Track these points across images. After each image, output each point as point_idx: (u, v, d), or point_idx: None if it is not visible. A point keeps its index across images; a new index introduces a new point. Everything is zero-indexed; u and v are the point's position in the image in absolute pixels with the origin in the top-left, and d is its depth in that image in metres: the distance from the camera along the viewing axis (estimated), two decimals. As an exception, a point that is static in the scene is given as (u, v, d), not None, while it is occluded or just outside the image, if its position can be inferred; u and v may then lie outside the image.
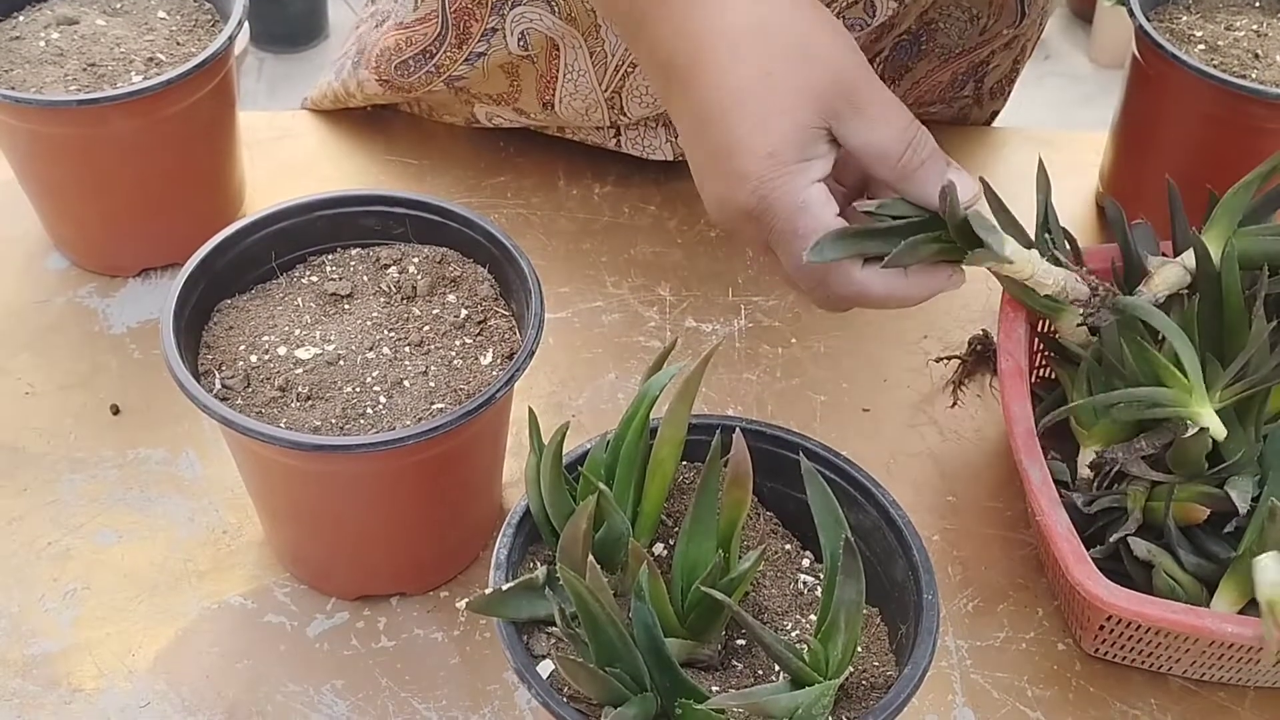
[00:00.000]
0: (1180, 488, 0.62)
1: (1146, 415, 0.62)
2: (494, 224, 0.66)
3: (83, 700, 0.63)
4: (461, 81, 0.86)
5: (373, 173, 0.90)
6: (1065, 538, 0.61)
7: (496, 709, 0.63)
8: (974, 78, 0.92)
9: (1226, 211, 0.67)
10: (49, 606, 0.66)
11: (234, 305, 0.65)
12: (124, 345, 0.79)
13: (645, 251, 0.86)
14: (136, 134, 0.75)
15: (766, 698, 0.45)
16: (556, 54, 0.83)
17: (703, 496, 0.49)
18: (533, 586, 0.49)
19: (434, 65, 0.85)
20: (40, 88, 0.75)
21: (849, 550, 0.46)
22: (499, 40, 0.83)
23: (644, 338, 0.81)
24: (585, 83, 0.83)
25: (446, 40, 0.84)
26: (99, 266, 0.83)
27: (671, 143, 0.88)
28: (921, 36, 0.88)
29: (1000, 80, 0.94)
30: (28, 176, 0.80)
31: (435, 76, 0.86)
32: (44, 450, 0.73)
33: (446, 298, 0.66)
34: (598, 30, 0.81)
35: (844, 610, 0.46)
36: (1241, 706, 0.65)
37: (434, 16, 0.84)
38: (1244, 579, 0.60)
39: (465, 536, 0.68)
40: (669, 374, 0.51)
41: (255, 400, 0.61)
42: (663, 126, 0.88)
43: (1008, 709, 0.64)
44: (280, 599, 0.67)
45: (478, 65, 0.84)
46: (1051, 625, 0.67)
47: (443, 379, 0.62)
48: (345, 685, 0.64)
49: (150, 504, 0.71)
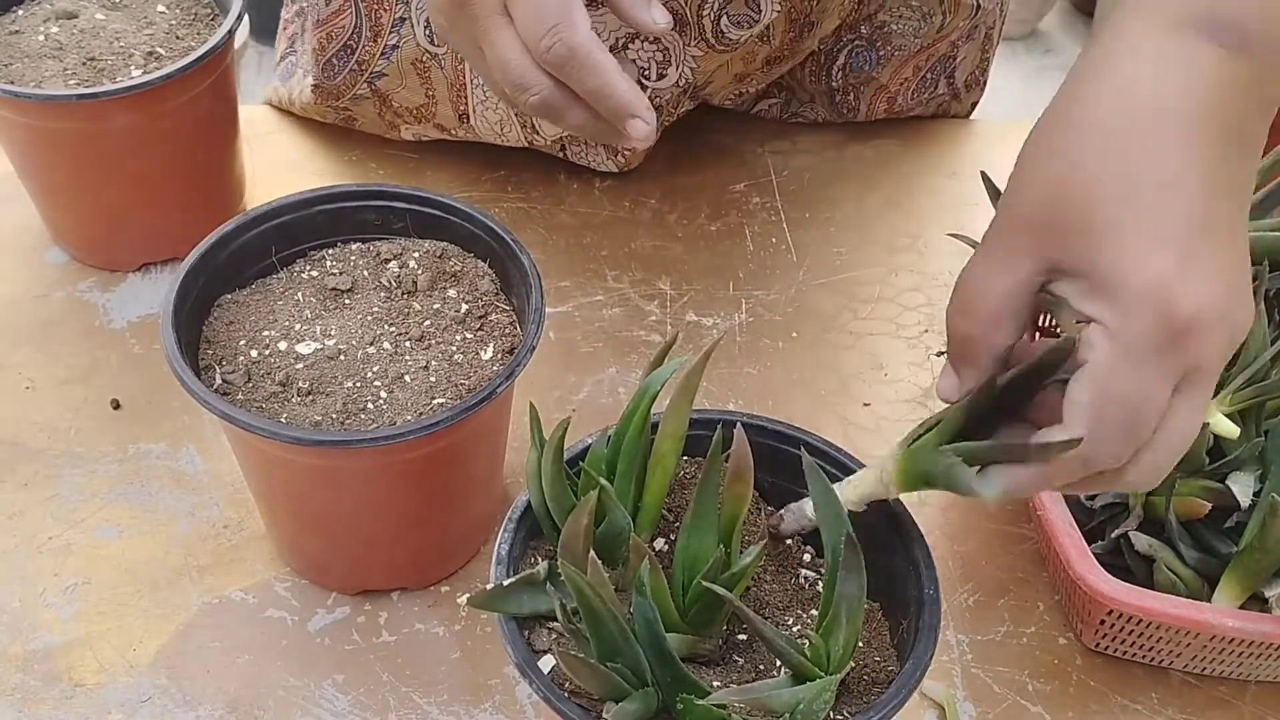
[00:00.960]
0: (1182, 482, 0.62)
1: None
2: (494, 218, 0.66)
3: (84, 695, 0.63)
4: (382, 82, 0.85)
5: (373, 167, 0.90)
6: (1066, 532, 0.61)
7: (497, 703, 0.63)
8: (944, 74, 0.92)
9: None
10: (50, 601, 0.66)
11: (234, 300, 0.65)
12: (124, 340, 0.79)
13: (646, 245, 0.86)
14: (136, 128, 0.75)
15: (768, 693, 0.45)
16: (459, 58, 0.82)
17: (704, 492, 0.49)
18: (534, 582, 0.49)
19: (356, 62, 0.85)
20: (39, 82, 0.75)
21: (850, 545, 0.46)
22: (408, 30, 0.83)
23: (644, 332, 0.81)
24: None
25: (363, 34, 0.84)
26: (99, 261, 0.83)
27: (613, 158, 0.88)
28: (876, 41, 0.88)
29: (972, 71, 0.94)
30: (27, 171, 0.80)
31: (359, 76, 0.86)
32: (44, 445, 0.73)
33: (447, 292, 0.66)
34: None
35: (845, 605, 0.46)
36: (1243, 701, 0.65)
37: (347, 7, 0.84)
38: (1246, 574, 0.61)
39: (466, 531, 0.68)
40: (670, 369, 0.51)
41: (256, 395, 0.61)
42: (602, 146, 0.87)
43: (1008, 703, 0.64)
44: (281, 594, 0.67)
45: (393, 60, 0.84)
46: (1052, 620, 0.67)
47: (443, 374, 0.62)
48: (346, 680, 0.64)
49: (151, 499, 0.71)
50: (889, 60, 0.89)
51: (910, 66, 0.91)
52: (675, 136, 0.92)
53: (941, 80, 0.93)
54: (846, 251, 0.86)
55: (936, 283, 0.84)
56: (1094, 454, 0.43)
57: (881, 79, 0.91)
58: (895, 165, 0.93)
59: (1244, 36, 0.41)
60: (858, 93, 0.92)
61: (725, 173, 0.91)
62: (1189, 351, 0.41)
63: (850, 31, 0.89)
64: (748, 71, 0.86)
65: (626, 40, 0.78)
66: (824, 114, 0.94)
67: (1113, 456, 0.42)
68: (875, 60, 0.89)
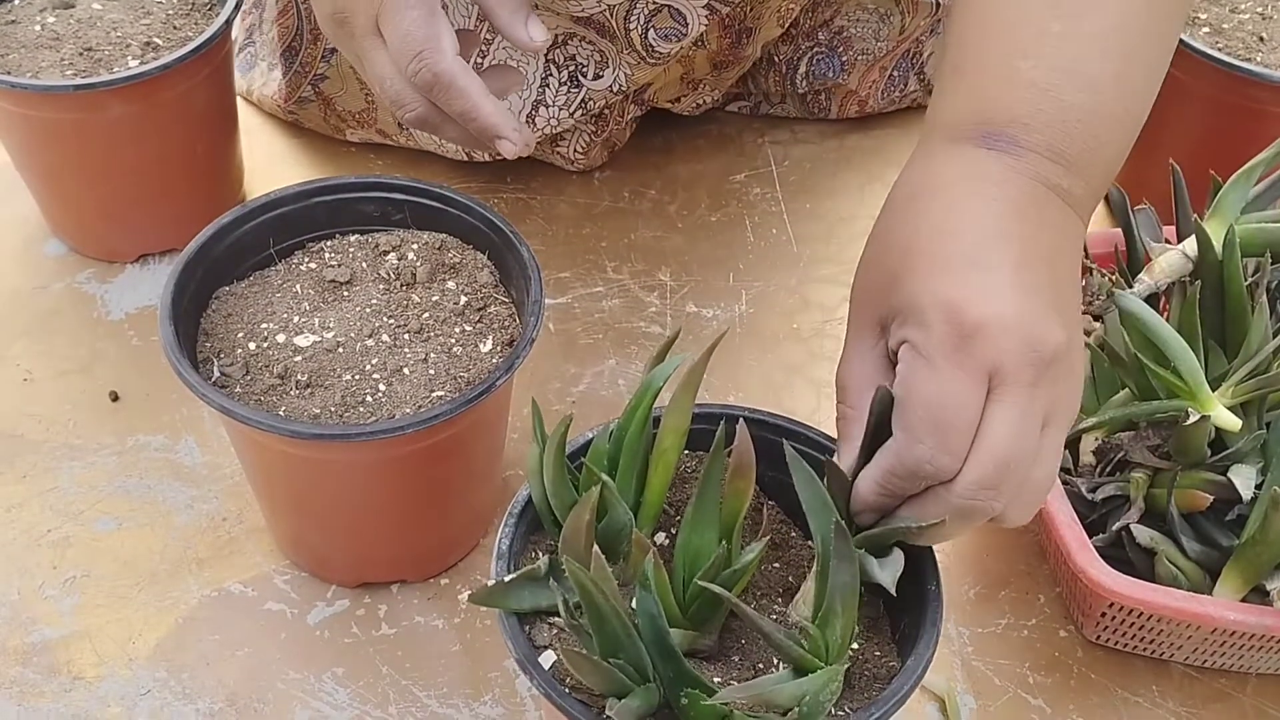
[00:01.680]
0: (1183, 474, 0.62)
1: (1147, 416, 0.62)
2: (493, 210, 0.66)
3: (83, 688, 0.63)
4: (325, 84, 0.85)
5: (371, 158, 0.90)
6: (1067, 525, 0.61)
7: (497, 696, 0.63)
8: (913, 70, 0.92)
9: (1229, 199, 0.66)
10: (49, 594, 0.66)
11: (232, 292, 0.65)
12: (123, 331, 0.79)
13: (645, 236, 0.86)
14: (133, 119, 0.75)
15: (772, 688, 0.44)
16: None
17: (705, 488, 0.48)
18: (535, 577, 0.49)
19: (300, 64, 0.85)
20: (36, 72, 0.74)
21: (839, 534, 0.45)
22: None
23: (644, 323, 0.80)
24: None
25: (304, 36, 0.84)
26: (97, 252, 0.83)
27: (571, 164, 0.87)
28: (837, 47, 0.88)
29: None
30: (25, 162, 0.80)
31: (303, 78, 0.85)
32: (43, 437, 0.73)
33: (446, 284, 0.65)
34: None
35: (839, 594, 0.46)
36: (1243, 693, 0.65)
37: (290, 8, 0.84)
38: (1247, 567, 0.60)
39: (466, 524, 0.68)
40: (673, 365, 0.51)
41: (254, 388, 0.60)
42: (559, 149, 0.86)
43: (1009, 696, 0.64)
44: (280, 586, 0.67)
45: (333, 63, 0.84)
46: (1053, 612, 0.67)
47: (442, 366, 0.61)
48: (346, 673, 0.64)
49: (150, 491, 0.71)
50: (854, 65, 0.89)
51: (876, 69, 0.90)
52: (673, 127, 0.92)
53: (911, 77, 0.92)
54: (847, 242, 0.86)
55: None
56: (909, 453, 0.46)
57: (849, 85, 0.90)
58: (896, 154, 0.92)
59: (1013, 140, 0.49)
60: (828, 95, 0.91)
61: (725, 163, 0.91)
62: (979, 353, 0.45)
63: (808, 39, 0.88)
64: (696, 76, 0.85)
65: (566, 37, 0.76)
66: (795, 113, 0.93)
67: (928, 456, 0.46)
68: (839, 67, 0.89)
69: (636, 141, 0.89)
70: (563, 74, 0.76)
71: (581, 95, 0.75)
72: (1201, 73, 0.79)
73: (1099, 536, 0.63)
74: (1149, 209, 0.71)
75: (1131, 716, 0.64)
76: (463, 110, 0.54)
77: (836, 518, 0.46)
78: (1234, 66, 0.77)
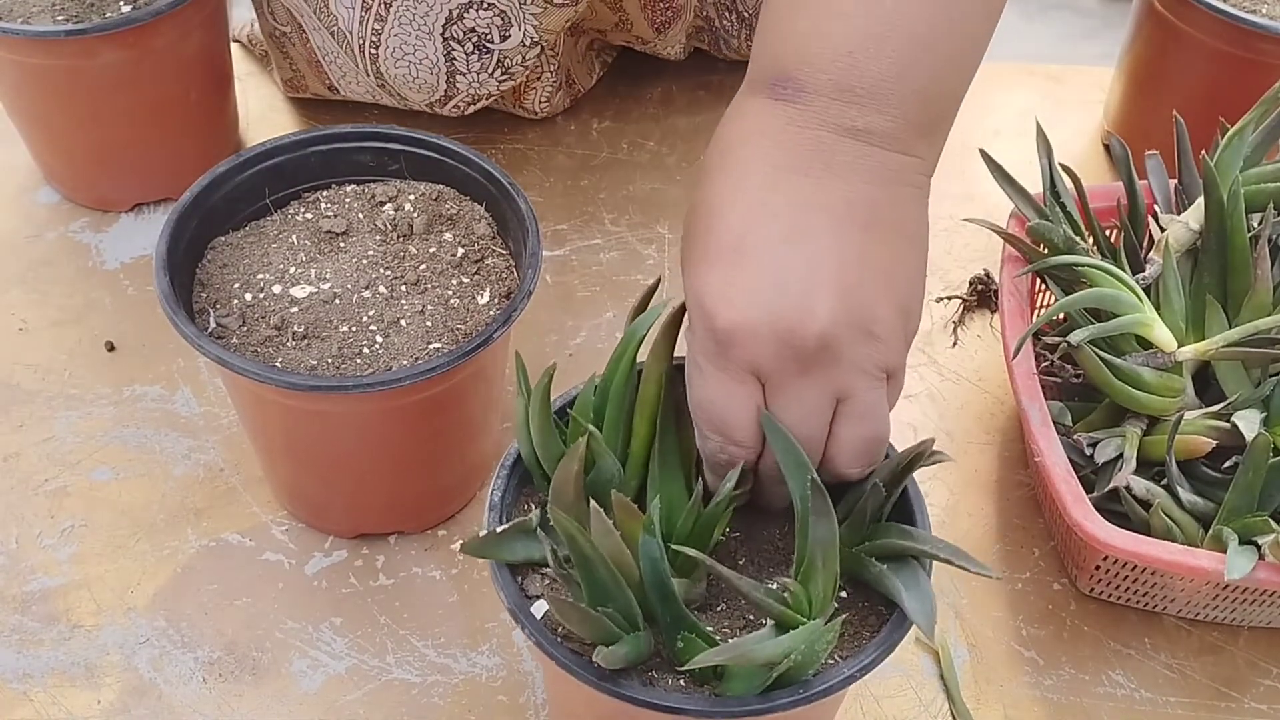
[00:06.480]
0: (1187, 421, 0.62)
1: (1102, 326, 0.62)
2: (491, 161, 0.65)
3: (82, 635, 0.63)
4: (279, 40, 0.84)
5: (367, 107, 0.89)
6: (1063, 478, 0.61)
7: (494, 646, 0.63)
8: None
9: (1230, 152, 0.66)
10: (47, 543, 0.66)
11: (228, 242, 0.64)
12: (118, 281, 0.78)
13: (644, 188, 0.85)
14: (126, 65, 0.74)
15: (753, 647, 0.45)
16: (304, 33, 0.80)
17: (664, 434, 0.49)
18: (526, 529, 0.49)
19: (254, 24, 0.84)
20: (27, 18, 0.73)
21: (816, 490, 0.45)
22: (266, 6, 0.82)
23: (642, 276, 0.80)
24: (349, 65, 0.79)
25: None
26: (91, 201, 0.82)
27: (537, 110, 0.85)
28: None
29: None
30: (16, 109, 0.79)
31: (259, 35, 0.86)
32: (39, 387, 0.73)
33: (443, 236, 0.65)
34: (326, 4, 0.75)
35: (820, 549, 0.46)
36: (1235, 646, 0.65)
37: None
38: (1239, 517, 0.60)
39: (463, 475, 0.68)
40: (655, 313, 0.51)
41: (251, 339, 0.60)
42: (522, 101, 0.85)
43: (1002, 647, 0.64)
44: (278, 537, 0.67)
45: (256, 31, 0.83)
46: (1047, 565, 0.68)
47: (440, 318, 0.61)
48: (344, 623, 0.64)
49: (147, 441, 0.71)
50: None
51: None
52: (673, 77, 0.91)
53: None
54: (846, 195, 0.85)
55: (937, 227, 0.83)
56: (704, 447, 0.49)
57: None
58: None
59: (799, 86, 0.47)
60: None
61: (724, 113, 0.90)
62: (737, 357, 0.46)
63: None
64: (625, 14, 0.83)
65: (464, 9, 0.75)
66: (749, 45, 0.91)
67: (718, 448, 0.49)
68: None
69: (635, 92, 0.89)
70: (467, 46, 0.75)
71: (495, 58, 0.75)
72: (1206, 25, 0.78)
73: (1094, 491, 0.63)
74: (1156, 156, 0.70)
75: (1124, 668, 0.64)
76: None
77: (812, 475, 0.46)
78: (1239, 19, 0.76)
